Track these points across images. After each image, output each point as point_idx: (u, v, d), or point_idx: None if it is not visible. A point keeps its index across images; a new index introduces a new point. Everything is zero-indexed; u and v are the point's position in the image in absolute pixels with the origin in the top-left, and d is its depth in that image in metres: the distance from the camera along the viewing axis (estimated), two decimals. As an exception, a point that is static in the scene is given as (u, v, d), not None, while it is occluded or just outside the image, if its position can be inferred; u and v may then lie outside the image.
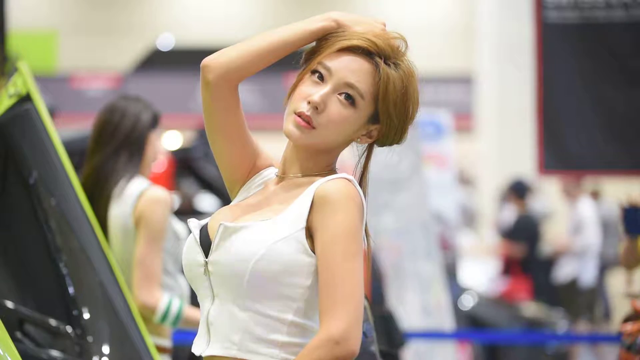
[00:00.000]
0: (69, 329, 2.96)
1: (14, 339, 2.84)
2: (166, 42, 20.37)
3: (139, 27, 21.88)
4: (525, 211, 10.58)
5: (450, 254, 9.57)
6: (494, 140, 14.20)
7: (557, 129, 5.58)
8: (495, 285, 10.36)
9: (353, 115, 2.11)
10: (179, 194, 7.29)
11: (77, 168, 3.50)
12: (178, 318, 3.47)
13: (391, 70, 2.10)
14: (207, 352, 2.09)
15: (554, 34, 5.54)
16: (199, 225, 2.15)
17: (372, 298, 5.72)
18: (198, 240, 2.12)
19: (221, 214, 2.17)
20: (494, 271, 10.91)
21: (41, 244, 3.05)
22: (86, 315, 2.98)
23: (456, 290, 8.54)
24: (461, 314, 8.23)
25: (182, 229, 3.71)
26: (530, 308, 9.06)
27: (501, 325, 8.25)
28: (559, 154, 5.59)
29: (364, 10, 20.35)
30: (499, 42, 13.99)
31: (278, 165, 2.22)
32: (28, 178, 3.09)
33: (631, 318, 3.35)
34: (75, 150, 4.03)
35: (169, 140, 9.85)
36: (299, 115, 2.09)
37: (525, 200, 10.69)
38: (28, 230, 3.08)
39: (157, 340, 3.57)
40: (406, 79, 2.12)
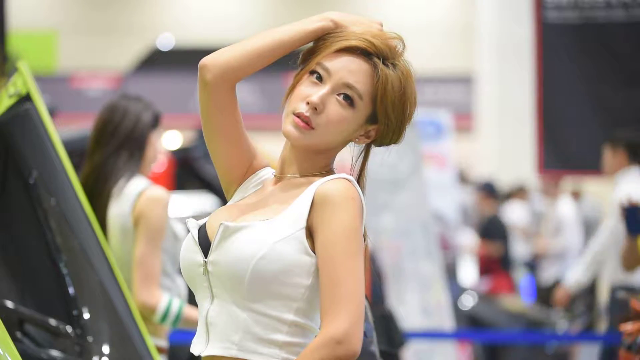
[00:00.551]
0: (69, 329, 2.96)
1: (14, 339, 2.84)
2: (166, 42, 20.37)
3: (139, 27, 21.88)
4: (496, 211, 10.56)
5: (450, 254, 9.57)
6: (494, 140, 14.21)
7: (557, 129, 5.58)
8: (479, 284, 10.35)
9: (351, 116, 2.11)
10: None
11: (77, 168, 3.50)
12: (178, 318, 3.47)
13: (389, 71, 2.11)
14: (207, 352, 2.08)
15: (554, 33, 5.54)
16: (197, 226, 2.15)
17: (372, 298, 5.72)
18: (197, 240, 2.11)
19: (220, 214, 2.17)
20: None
21: (41, 244, 3.04)
22: (86, 315, 2.98)
23: (456, 290, 8.55)
24: (461, 314, 8.23)
25: (181, 229, 3.71)
26: (531, 308, 9.06)
27: (501, 325, 8.25)
28: (559, 153, 5.60)
29: (364, 10, 20.35)
30: (499, 42, 14.00)
31: (274, 165, 2.22)
32: (28, 178, 3.09)
33: (631, 318, 3.35)
34: (75, 150, 4.03)
35: (169, 140, 9.85)
36: (297, 115, 2.09)
37: (495, 200, 10.69)
38: (28, 230, 3.08)
39: (154, 341, 3.57)
40: (404, 80, 2.12)
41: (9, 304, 3.00)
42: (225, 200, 2.29)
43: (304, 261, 2.04)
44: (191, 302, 3.03)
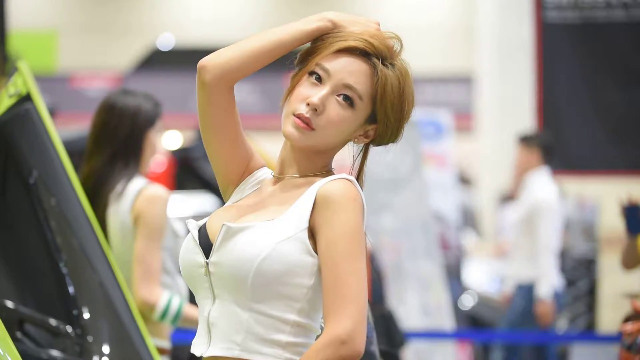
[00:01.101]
0: (69, 328, 2.96)
1: (14, 339, 2.84)
2: (166, 42, 20.37)
3: (139, 27, 21.88)
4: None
5: (450, 254, 9.57)
6: (494, 140, 14.20)
7: (557, 129, 5.58)
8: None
9: (351, 116, 2.12)
10: None
11: (77, 168, 3.50)
12: (177, 316, 3.46)
13: (388, 71, 2.12)
14: (209, 353, 2.08)
15: (554, 33, 5.54)
16: (197, 226, 2.15)
17: (372, 298, 5.72)
18: (197, 241, 2.11)
19: (220, 215, 2.17)
20: (494, 271, 10.90)
21: (41, 244, 3.04)
22: (86, 315, 2.98)
23: (456, 290, 8.54)
24: (461, 314, 8.23)
25: (181, 228, 3.70)
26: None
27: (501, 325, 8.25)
28: (559, 153, 5.60)
29: (363, 10, 20.34)
30: (499, 42, 13.99)
31: (273, 165, 2.23)
32: (28, 178, 3.09)
33: (631, 318, 3.35)
34: (75, 150, 4.03)
35: (169, 140, 9.84)
36: (298, 117, 2.10)
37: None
38: (28, 230, 3.08)
39: (156, 341, 3.56)
40: (402, 79, 2.13)
41: (9, 304, 3.00)
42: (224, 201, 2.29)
43: (307, 262, 2.04)
44: (192, 301, 3.02)
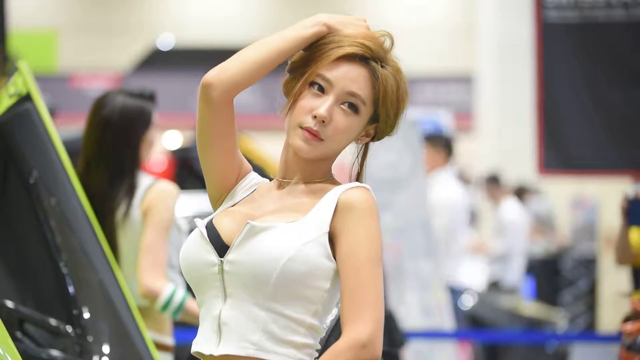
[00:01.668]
0: (69, 328, 2.96)
1: (14, 339, 2.84)
2: (166, 42, 20.37)
3: (139, 27, 21.88)
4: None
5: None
6: (494, 140, 14.20)
7: (558, 129, 5.58)
8: None
9: (357, 122, 2.16)
10: None
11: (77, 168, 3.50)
12: (180, 308, 3.43)
13: (385, 72, 2.15)
14: (219, 352, 2.08)
15: (554, 33, 5.54)
16: (203, 226, 2.16)
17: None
18: (208, 239, 2.12)
19: (225, 216, 2.17)
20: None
21: (41, 243, 3.04)
22: (86, 315, 2.98)
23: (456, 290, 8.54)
24: (461, 314, 8.23)
25: (184, 224, 3.70)
26: (531, 308, 9.07)
27: (501, 325, 8.25)
28: (559, 153, 5.60)
29: (363, 10, 20.33)
30: (499, 42, 13.99)
31: (273, 166, 2.24)
32: (28, 178, 3.09)
33: (631, 318, 3.36)
34: (75, 150, 4.03)
35: (169, 140, 9.85)
36: (306, 130, 2.12)
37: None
38: (28, 230, 3.08)
39: (159, 338, 3.56)
40: (397, 76, 2.17)
41: (9, 304, 3.00)
42: None
43: (326, 265, 2.07)
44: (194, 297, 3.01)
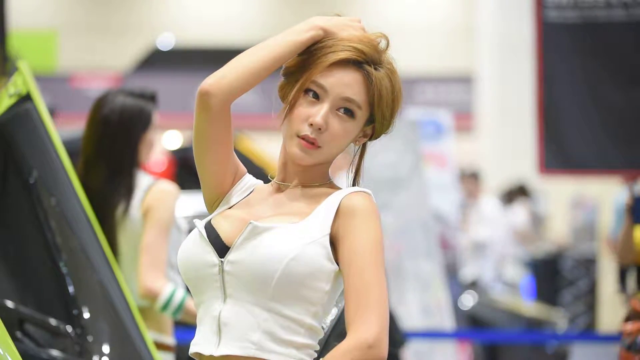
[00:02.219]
0: (69, 328, 2.96)
1: (14, 339, 2.84)
2: (166, 42, 20.37)
3: (138, 27, 21.88)
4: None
5: (450, 254, 9.57)
6: (495, 140, 14.20)
7: (558, 129, 5.58)
8: None
9: (353, 126, 2.16)
10: None
11: (77, 168, 3.50)
12: (179, 308, 3.43)
13: (380, 74, 2.15)
14: (219, 352, 2.08)
15: (554, 33, 5.54)
16: (203, 226, 2.16)
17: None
18: (208, 240, 2.12)
19: (224, 218, 2.18)
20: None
21: (41, 244, 3.04)
22: (86, 315, 2.98)
23: (456, 290, 8.55)
24: (461, 314, 8.24)
25: (184, 224, 3.70)
26: (531, 308, 9.07)
27: (501, 325, 8.25)
28: (560, 153, 5.59)
29: (363, 10, 20.35)
30: (499, 42, 14.00)
31: (272, 166, 2.24)
32: (28, 178, 3.09)
33: (631, 318, 3.36)
34: (75, 150, 4.02)
35: (169, 140, 9.85)
36: (303, 138, 2.13)
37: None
38: (28, 230, 3.08)
39: (159, 337, 3.56)
40: (392, 76, 2.17)
41: (9, 304, 3.00)
42: None
43: (327, 267, 2.08)
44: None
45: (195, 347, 2.13)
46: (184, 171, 7.28)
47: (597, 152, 5.51)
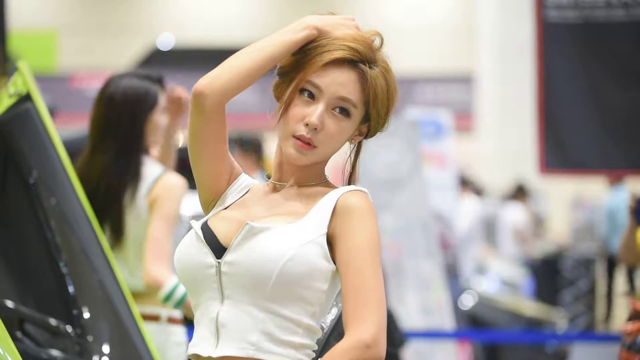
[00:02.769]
0: (69, 328, 2.96)
1: (14, 339, 2.84)
2: (166, 42, 20.37)
3: (138, 27, 21.88)
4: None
5: (450, 254, 9.57)
6: (495, 140, 14.21)
7: (558, 128, 5.58)
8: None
9: (349, 125, 2.16)
10: None
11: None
12: (181, 302, 3.43)
13: (375, 72, 2.15)
14: (217, 353, 2.08)
15: (554, 33, 5.54)
16: (199, 227, 2.16)
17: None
18: (205, 241, 2.12)
19: (221, 218, 2.17)
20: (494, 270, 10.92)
21: (41, 243, 3.04)
22: (86, 315, 2.98)
23: (456, 290, 8.55)
24: (461, 313, 8.23)
25: (186, 217, 3.72)
26: (531, 308, 9.06)
27: (501, 325, 8.25)
28: (560, 153, 5.59)
29: (362, 10, 20.35)
30: (499, 42, 14.00)
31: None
32: (28, 178, 3.09)
33: (631, 318, 3.36)
34: (75, 150, 4.02)
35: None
36: (299, 138, 2.13)
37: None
38: (28, 230, 3.08)
39: (170, 313, 3.58)
40: (387, 75, 2.17)
41: (9, 304, 2.99)
42: None
43: (324, 267, 2.08)
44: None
45: (193, 349, 2.12)
46: (184, 171, 7.28)
47: (598, 152, 5.51)
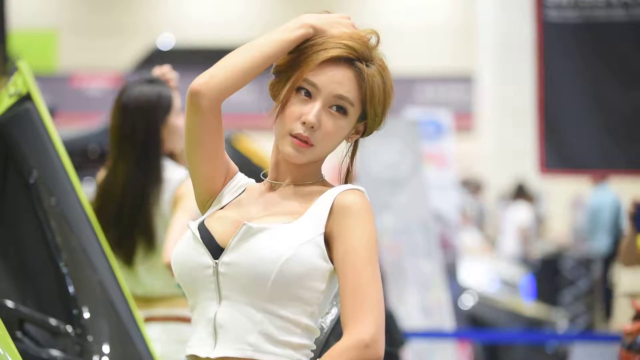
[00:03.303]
0: (69, 328, 2.96)
1: (14, 339, 2.84)
2: (166, 42, 20.37)
3: (139, 27, 21.89)
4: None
5: (450, 254, 9.57)
6: (495, 140, 14.21)
7: (558, 128, 5.58)
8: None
9: (346, 123, 2.16)
10: None
11: (77, 168, 3.49)
12: None
13: (371, 71, 2.15)
14: (216, 354, 2.08)
15: (554, 33, 5.54)
16: (196, 227, 2.16)
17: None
18: (202, 242, 2.12)
19: (218, 219, 2.17)
20: (494, 270, 10.92)
21: (41, 243, 3.04)
22: (86, 315, 2.97)
23: (456, 290, 8.54)
24: (461, 313, 8.23)
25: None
26: (531, 308, 9.06)
27: (501, 325, 8.25)
28: (560, 153, 5.60)
29: (363, 10, 20.35)
30: (499, 42, 14.00)
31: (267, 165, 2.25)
32: (28, 178, 3.09)
33: (631, 318, 3.36)
34: (75, 150, 4.03)
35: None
36: (296, 136, 2.13)
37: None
38: (28, 230, 3.08)
39: (182, 312, 3.59)
40: (383, 73, 2.17)
41: (9, 304, 2.99)
42: None
43: (322, 266, 2.08)
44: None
45: (191, 350, 2.12)
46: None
47: (598, 152, 5.52)
